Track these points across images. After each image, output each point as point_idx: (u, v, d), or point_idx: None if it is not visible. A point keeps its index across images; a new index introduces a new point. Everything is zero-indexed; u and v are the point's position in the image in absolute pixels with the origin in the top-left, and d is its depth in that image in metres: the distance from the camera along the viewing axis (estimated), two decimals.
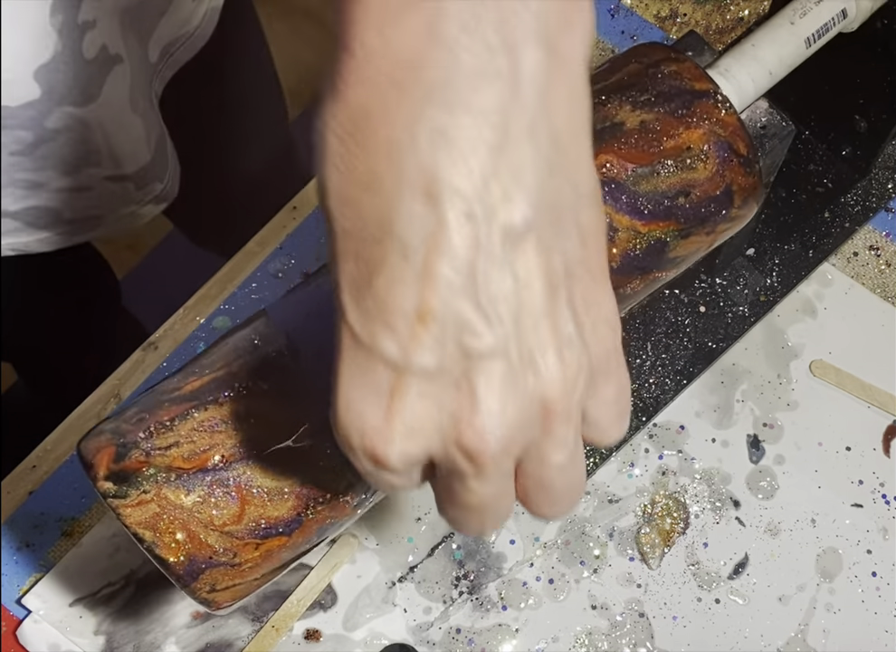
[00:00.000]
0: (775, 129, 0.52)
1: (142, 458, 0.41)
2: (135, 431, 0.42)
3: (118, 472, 0.41)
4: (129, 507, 0.40)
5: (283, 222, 0.70)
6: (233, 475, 0.41)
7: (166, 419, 0.42)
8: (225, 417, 0.41)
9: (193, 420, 0.41)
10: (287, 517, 0.41)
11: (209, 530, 0.41)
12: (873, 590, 0.63)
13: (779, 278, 0.67)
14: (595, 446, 0.40)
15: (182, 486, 0.41)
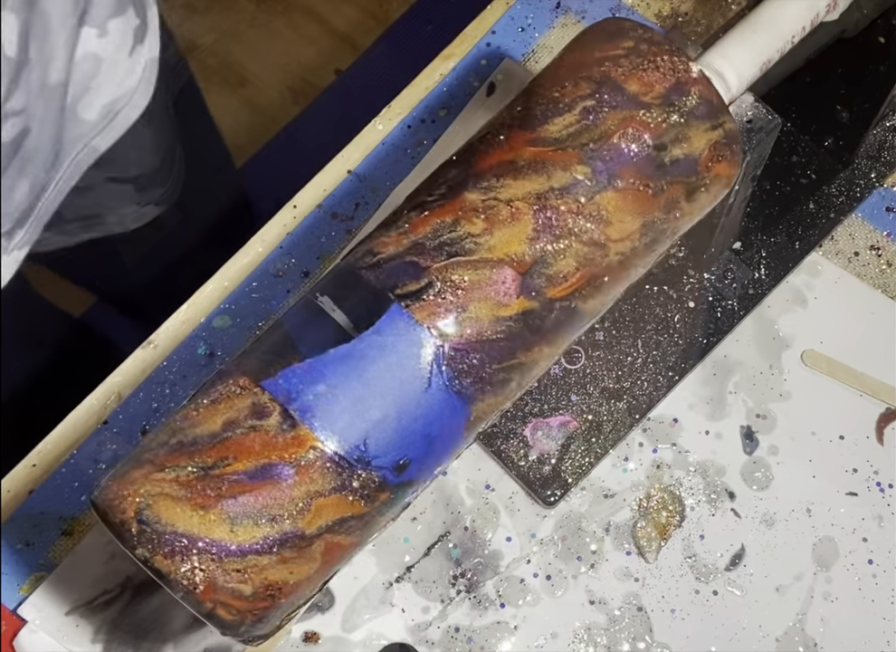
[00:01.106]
0: (761, 123, 0.52)
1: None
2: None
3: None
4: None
5: (283, 221, 0.70)
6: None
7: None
8: None
9: None
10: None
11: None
12: (870, 578, 0.63)
13: (767, 271, 0.67)
14: None
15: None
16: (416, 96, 0.73)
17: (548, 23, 0.74)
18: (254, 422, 0.42)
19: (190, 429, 0.43)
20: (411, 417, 0.44)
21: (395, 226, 0.46)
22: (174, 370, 0.67)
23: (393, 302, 0.44)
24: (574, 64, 0.47)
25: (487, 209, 0.45)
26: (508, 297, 0.45)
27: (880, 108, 0.62)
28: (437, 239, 0.45)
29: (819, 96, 0.65)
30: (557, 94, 0.46)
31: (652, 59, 0.46)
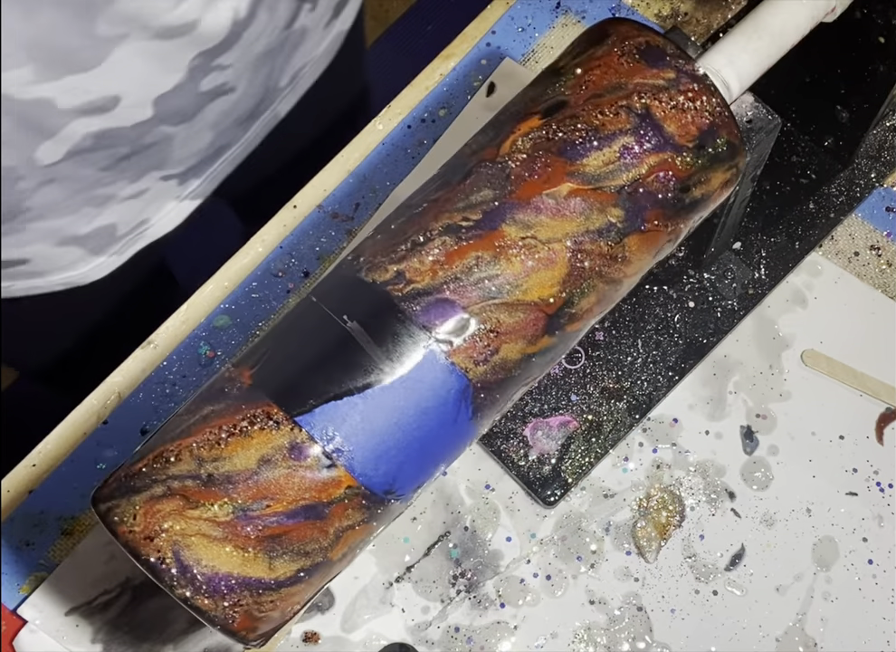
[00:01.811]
0: (761, 123, 0.52)
1: None
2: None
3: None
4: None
5: (283, 221, 0.70)
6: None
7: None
8: None
9: None
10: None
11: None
12: (870, 578, 0.63)
13: (767, 271, 0.67)
14: None
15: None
16: (416, 96, 0.73)
17: (548, 23, 0.74)
18: (293, 462, 0.42)
19: (221, 462, 0.42)
20: (434, 448, 0.45)
21: (427, 249, 0.44)
22: (174, 370, 0.67)
23: (431, 342, 0.43)
24: (613, 84, 0.46)
25: (525, 248, 0.44)
26: (535, 338, 0.45)
27: (880, 108, 0.62)
28: (474, 275, 0.44)
29: (819, 96, 0.65)
30: (598, 121, 0.45)
31: (691, 98, 0.46)
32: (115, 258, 0.72)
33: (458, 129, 0.72)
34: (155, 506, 0.41)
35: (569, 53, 0.49)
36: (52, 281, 0.70)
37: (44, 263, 0.68)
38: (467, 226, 0.44)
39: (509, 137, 0.46)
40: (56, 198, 0.62)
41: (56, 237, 0.66)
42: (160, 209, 0.72)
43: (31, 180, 0.60)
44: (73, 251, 0.68)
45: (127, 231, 0.71)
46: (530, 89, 0.48)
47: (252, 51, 0.63)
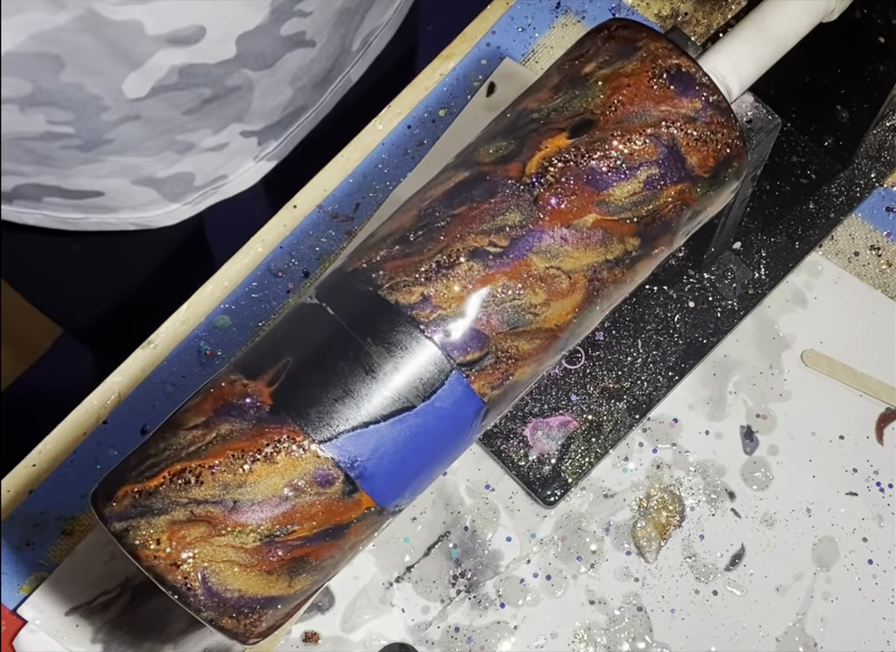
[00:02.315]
0: (761, 123, 0.52)
1: None
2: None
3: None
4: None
5: (283, 221, 0.70)
6: None
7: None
8: None
9: None
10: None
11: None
12: (870, 578, 0.63)
13: (767, 271, 0.67)
14: None
15: None
16: (416, 96, 0.73)
17: (548, 23, 0.74)
18: (319, 489, 0.42)
19: (247, 489, 0.41)
20: (443, 464, 0.46)
21: (453, 274, 0.43)
22: (174, 370, 0.67)
23: (453, 370, 0.44)
24: (642, 109, 0.45)
25: (549, 278, 0.44)
26: (544, 359, 0.46)
27: (880, 108, 0.62)
28: (499, 304, 0.44)
29: (819, 96, 0.65)
30: (627, 150, 0.45)
31: (715, 131, 0.46)
32: (188, 208, 0.73)
33: (458, 129, 0.72)
34: (180, 532, 0.41)
35: (593, 58, 0.47)
36: (123, 219, 0.71)
37: (119, 200, 0.69)
38: (495, 253, 0.44)
39: (535, 154, 0.45)
40: (138, 136, 0.64)
41: (134, 175, 0.67)
42: (238, 167, 0.73)
43: (115, 113, 0.61)
44: (149, 192, 0.69)
45: (204, 183, 0.72)
46: (553, 94, 0.47)
47: (331, 4, 0.64)
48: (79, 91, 0.59)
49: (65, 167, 0.64)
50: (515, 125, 0.47)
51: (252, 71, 0.64)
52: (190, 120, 0.65)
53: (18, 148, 0.62)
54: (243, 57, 0.62)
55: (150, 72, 0.59)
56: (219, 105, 0.65)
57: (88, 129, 0.62)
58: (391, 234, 0.45)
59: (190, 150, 0.68)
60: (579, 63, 0.47)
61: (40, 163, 0.64)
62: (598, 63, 0.46)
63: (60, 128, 0.61)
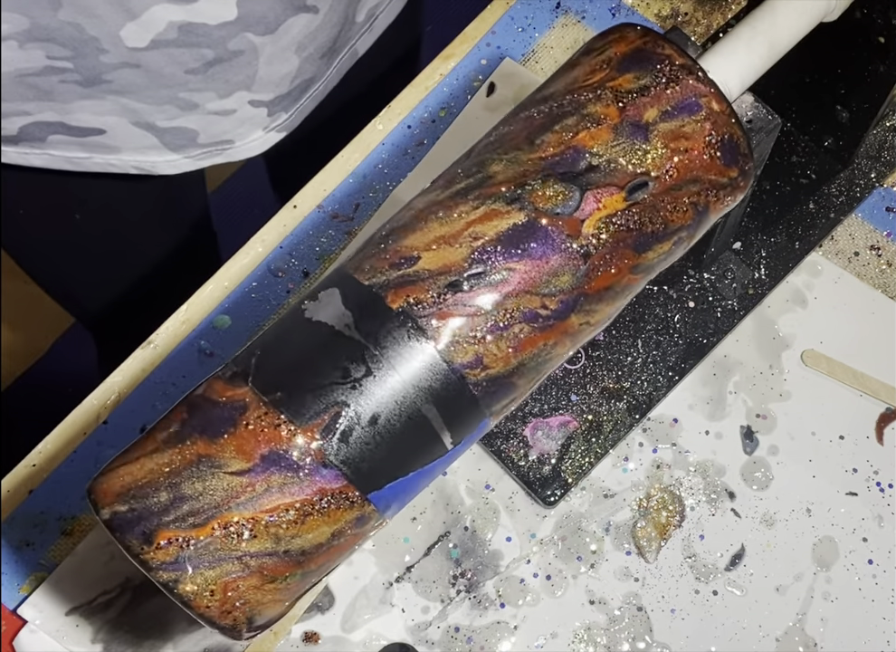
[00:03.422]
0: (761, 123, 0.52)
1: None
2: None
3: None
4: None
5: (284, 221, 0.70)
6: None
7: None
8: None
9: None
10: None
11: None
12: (870, 578, 0.63)
13: (767, 271, 0.67)
14: None
15: None
16: (416, 96, 0.73)
17: (548, 23, 0.74)
18: (357, 530, 0.43)
19: (298, 539, 0.42)
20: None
21: (507, 336, 0.43)
22: (174, 370, 0.67)
23: (486, 417, 0.45)
24: (693, 177, 0.45)
25: (579, 333, 0.46)
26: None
27: (880, 108, 0.62)
28: (536, 360, 0.45)
29: (819, 96, 0.65)
30: (670, 216, 0.45)
31: (739, 193, 0.47)
32: (190, 161, 0.74)
33: (458, 129, 0.72)
34: (233, 584, 0.41)
35: (656, 103, 0.45)
36: (125, 161, 0.72)
37: (120, 139, 0.70)
38: (545, 315, 0.44)
39: (593, 213, 0.44)
40: (138, 84, 0.65)
41: (133, 117, 0.68)
42: (247, 135, 0.73)
43: (114, 57, 0.62)
44: (149, 137, 0.70)
45: (209, 142, 0.72)
46: (615, 135, 0.45)
47: None
48: (77, 31, 0.60)
49: (66, 101, 0.66)
50: (573, 161, 0.45)
51: (255, 35, 0.64)
52: (193, 80, 0.66)
53: (20, 84, 0.64)
54: (244, 20, 0.63)
55: (148, 25, 0.60)
56: (223, 69, 0.66)
57: (87, 67, 0.63)
58: (442, 271, 0.43)
59: (194, 110, 0.68)
60: (642, 104, 0.45)
61: (42, 99, 0.65)
62: (661, 113, 0.45)
63: (59, 63, 0.62)
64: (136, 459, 0.43)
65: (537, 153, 0.45)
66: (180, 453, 0.42)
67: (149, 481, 0.42)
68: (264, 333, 0.45)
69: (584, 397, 0.65)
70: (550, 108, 0.46)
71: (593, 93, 0.45)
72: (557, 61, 0.74)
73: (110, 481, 0.43)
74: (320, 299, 0.44)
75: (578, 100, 0.45)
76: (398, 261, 0.43)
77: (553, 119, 0.45)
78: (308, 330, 0.43)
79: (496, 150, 0.46)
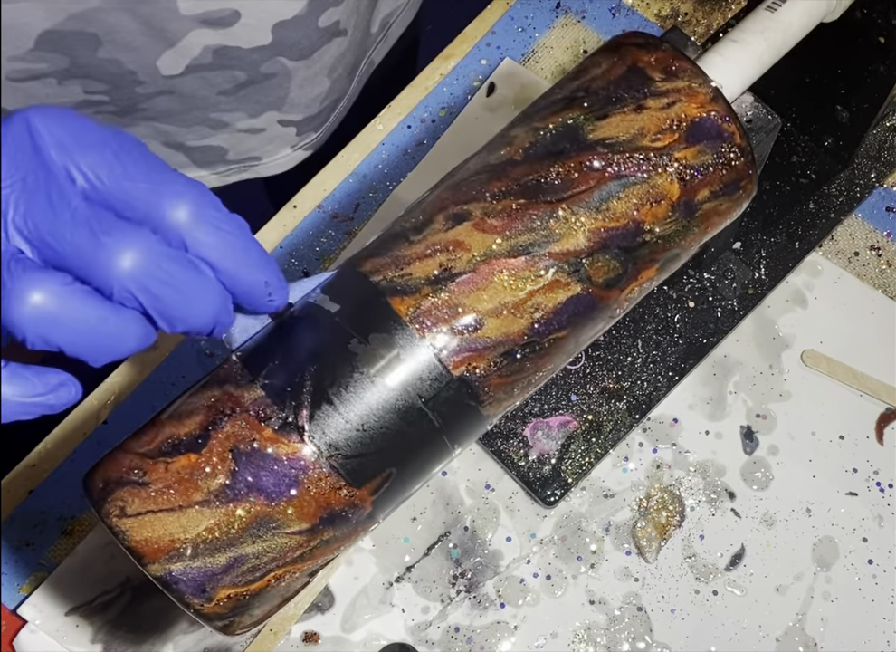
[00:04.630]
0: (761, 123, 0.52)
1: None
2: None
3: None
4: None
5: (283, 221, 0.70)
6: (164, 415, 0.43)
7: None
8: None
9: None
10: (191, 432, 0.41)
11: (126, 454, 0.41)
12: (870, 578, 0.63)
13: (767, 271, 0.67)
14: None
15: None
16: (416, 96, 0.73)
17: (548, 23, 0.74)
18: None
19: (325, 566, 0.45)
20: None
21: (530, 381, 0.45)
22: (173, 370, 0.67)
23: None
24: (712, 226, 0.47)
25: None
26: None
27: (880, 108, 0.62)
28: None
29: (819, 96, 0.65)
30: (682, 257, 0.47)
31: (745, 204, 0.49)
32: (217, 177, 0.75)
33: (458, 129, 0.72)
34: (273, 612, 0.43)
35: (708, 184, 0.45)
36: None
37: None
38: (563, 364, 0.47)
39: (632, 283, 0.45)
40: (172, 109, 0.66)
41: (164, 138, 0.69)
42: (274, 153, 0.74)
43: (150, 87, 0.63)
44: (178, 155, 0.71)
45: (237, 159, 0.73)
46: (671, 211, 0.44)
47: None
48: (115, 67, 0.60)
49: None
50: (632, 236, 0.44)
51: (288, 60, 0.65)
52: (225, 101, 0.66)
53: None
54: (278, 45, 0.63)
55: (185, 51, 0.61)
56: (255, 90, 0.66)
57: (123, 99, 0.64)
58: (501, 341, 0.43)
59: (224, 128, 0.69)
60: (699, 184, 0.45)
61: None
62: (711, 193, 0.45)
63: (96, 97, 0.63)
64: (179, 508, 0.40)
65: (601, 221, 0.44)
66: (235, 514, 0.40)
67: (204, 540, 0.40)
68: (317, 375, 0.41)
69: (584, 397, 0.65)
70: (618, 162, 0.44)
71: (660, 160, 0.44)
72: (557, 61, 0.74)
73: (151, 529, 0.40)
74: (385, 359, 0.42)
75: (646, 166, 0.44)
76: (461, 327, 0.42)
77: (622, 182, 0.44)
78: (378, 392, 0.41)
79: (564, 200, 0.43)
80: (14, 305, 0.34)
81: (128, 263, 0.34)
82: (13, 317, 0.34)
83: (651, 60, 0.45)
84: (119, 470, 0.41)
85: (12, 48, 0.57)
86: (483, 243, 0.43)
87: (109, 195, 0.35)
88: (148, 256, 0.34)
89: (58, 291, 0.34)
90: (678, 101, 0.44)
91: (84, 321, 0.35)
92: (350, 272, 0.43)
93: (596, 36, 0.74)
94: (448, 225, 0.43)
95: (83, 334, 0.35)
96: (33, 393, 0.37)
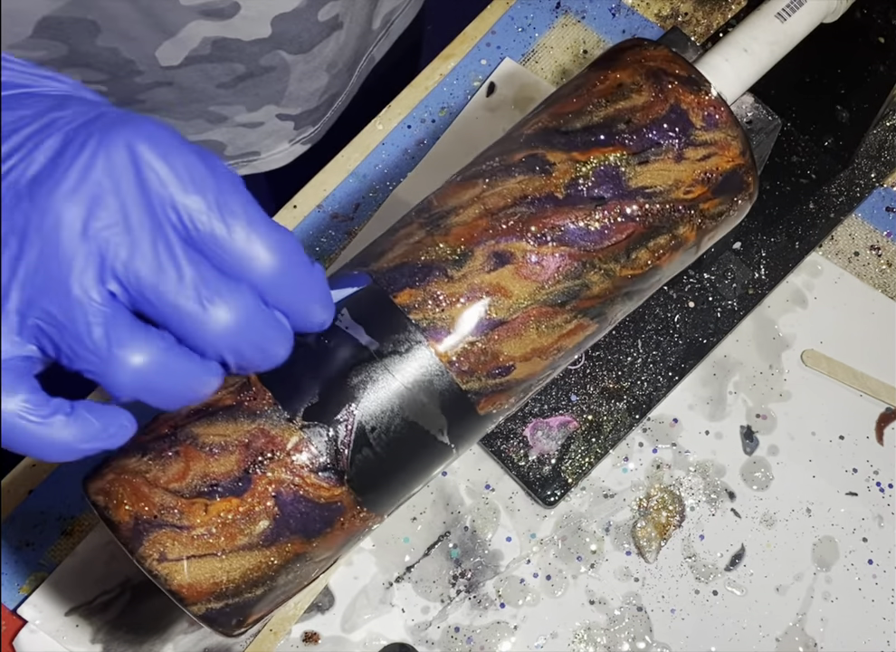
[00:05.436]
0: (761, 124, 0.52)
1: None
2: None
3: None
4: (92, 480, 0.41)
5: (283, 221, 0.70)
6: (181, 436, 0.40)
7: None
8: None
9: None
10: (229, 473, 0.40)
11: (154, 488, 0.39)
12: (870, 578, 0.63)
13: (767, 271, 0.67)
14: None
15: (134, 450, 0.41)
16: (416, 96, 0.73)
17: (548, 23, 0.74)
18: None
19: None
20: None
21: (509, 398, 0.46)
22: None
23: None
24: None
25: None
26: None
27: (880, 108, 0.62)
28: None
29: (819, 96, 0.65)
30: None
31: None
32: None
33: (458, 129, 0.72)
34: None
35: (720, 227, 0.48)
36: None
37: None
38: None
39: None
40: (170, 100, 0.65)
41: None
42: (273, 147, 0.74)
43: (148, 77, 0.63)
44: None
45: (235, 154, 0.73)
46: (677, 262, 0.47)
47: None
48: (113, 55, 0.60)
49: None
50: (647, 282, 0.47)
51: (287, 53, 0.65)
52: (224, 94, 0.66)
53: None
54: (278, 38, 0.63)
55: (184, 42, 0.60)
56: (254, 83, 0.66)
57: (121, 89, 0.63)
58: (526, 380, 0.45)
59: (223, 122, 0.69)
60: (710, 229, 0.47)
61: None
62: (716, 235, 0.49)
63: (94, 87, 0.62)
64: (223, 553, 0.40)
65: (628, 270, 0.45)
66: (276, 555, 0.41)
67: (246, 581, 0.40)
68: (358, 419, 0.41)
69: (584, 397, 0.65)
70: (654, 214, 0.45)
71: (687, 211, 0.45)
72: (557, 61, 0.74)
73: (193, 574, 0.39)
74: (424, 405, 0.42)
75: (675, 216, 0.45)
76: (496, 370, 0.43)
77: (651, 230, 0.45)
78: (415, 437, 0.42)
79: (600, 251, 0.44)
80: (113, 370, 0.33)
81: (227, 327, 0.33)
82: (110, 381, 0.33)
83: (694, 102, 0.45)
84: (150, 506, 0.39)
85: (11, 36, 0.57)
86: (524, 290, 0.43)
87: (204, 244, 0.33)
88: (247, 321, 0.34)
89: (159, 356, 0.33)
90: (714, 155, 0.45)
91: (180, 382, 0.34)
92: (384, 300, 0.42)
93: (596, 36, 0.74)
94: (490, 265, 0.43)
95: (173, 391, 0.34)
96: (92, 437, 0.35)
